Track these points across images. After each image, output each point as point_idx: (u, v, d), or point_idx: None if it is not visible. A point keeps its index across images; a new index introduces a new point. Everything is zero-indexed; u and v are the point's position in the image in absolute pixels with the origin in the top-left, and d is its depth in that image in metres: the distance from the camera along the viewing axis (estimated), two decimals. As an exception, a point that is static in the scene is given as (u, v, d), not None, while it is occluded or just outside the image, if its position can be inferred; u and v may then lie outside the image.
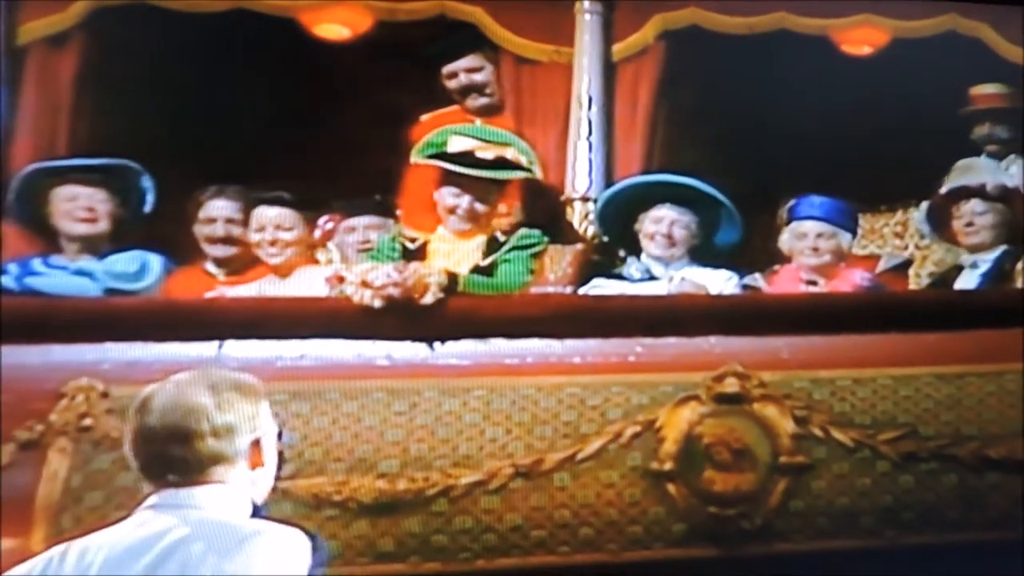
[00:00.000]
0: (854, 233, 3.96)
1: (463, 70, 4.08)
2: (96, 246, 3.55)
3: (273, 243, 3.64)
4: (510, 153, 3.72)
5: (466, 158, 3.64)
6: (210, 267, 3.71)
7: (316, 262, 3.72)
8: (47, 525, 2.97)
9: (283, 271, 3.64)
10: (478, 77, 4.08)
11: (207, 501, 1.91)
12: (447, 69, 4.09)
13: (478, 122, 4.02)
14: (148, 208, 3.64)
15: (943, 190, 4.08)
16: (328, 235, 3.77)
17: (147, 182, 3.62)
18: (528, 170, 3.74)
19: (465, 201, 3.62)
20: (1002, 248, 3.89)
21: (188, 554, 1.82)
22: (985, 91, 4.38)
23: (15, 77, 3.63)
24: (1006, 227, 3.91)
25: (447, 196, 3.64)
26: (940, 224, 4.09)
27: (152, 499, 1.93)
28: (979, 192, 3.93)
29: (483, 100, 4.09)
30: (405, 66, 4.10)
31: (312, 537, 1.95)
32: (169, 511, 1.89)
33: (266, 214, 3.65)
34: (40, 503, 2.98)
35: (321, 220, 3.77)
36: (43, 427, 3.03)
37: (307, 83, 4.22)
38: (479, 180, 3.62)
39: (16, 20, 3.63)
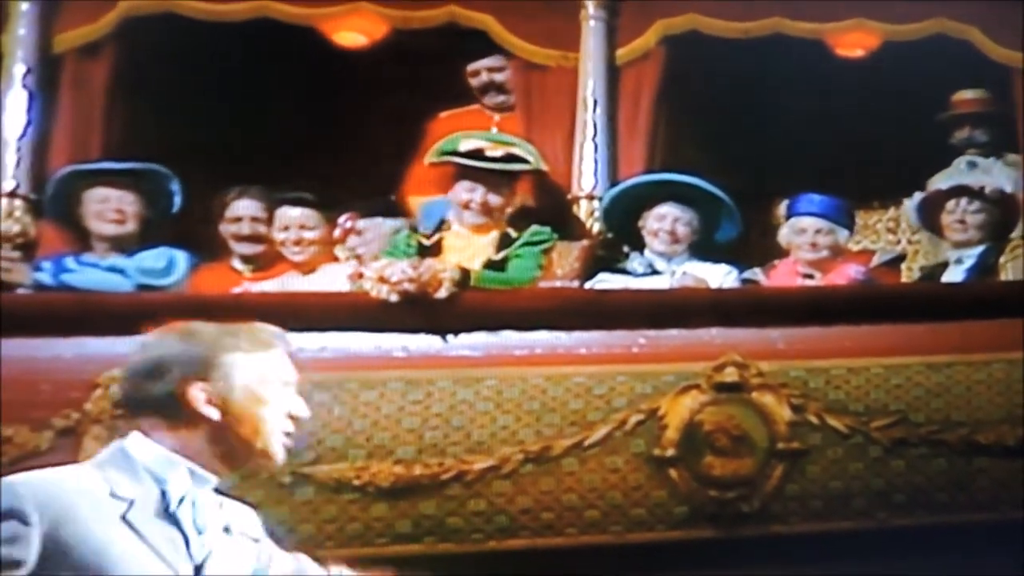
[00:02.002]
0: (850, 229, 3.98)
1: (485, 69, 4.10)
2: (124, 245, 3.58)
3: (297, 242, 3.67)
4: (518, 150, 3.75)
5: (477, 155, 3.67)
6: (237, 264, 3.75)
7: (336, 259, 3.75)
8: (83, 508, 3.00)
9: (305, 268, 3.67)
10: (499, 76, 4.10)
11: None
12: (471, 67, 4.12)
13: (494, 129, 4.04)
14: (175, 211, 3.67)
15: (944, 186, 4.06)
16: (347, 233, 3.80)
17: (176, 186, 3.64)
18: (536, 165, 3.77)
19: (479, 194, 3.63)
20: (985, 245, 3.89)
21: None
22: (966, 96, 4.39)
23: (51, 85, 3.66)
24: (992, 227, 3.91)
25: (461, 192, 3.66)
26: (929, 216, 4.08)
27: None
28: (977, 193, 3.93)
29: (501, 98, 4.11)
30: (419, 70, 4.12)
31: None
32: None
33: (289, 214, 3.68)
34: (77, 488, 3.01)
35: (341, 219, 3.79)
36: (79, 415, 3.05)
37: (326, 88, 4.25)
38: (491, 173, 3.64)
39: (52, 31, 3.65)
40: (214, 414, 1.79)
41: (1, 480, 1.64)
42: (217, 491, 1.83)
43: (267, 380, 1.85)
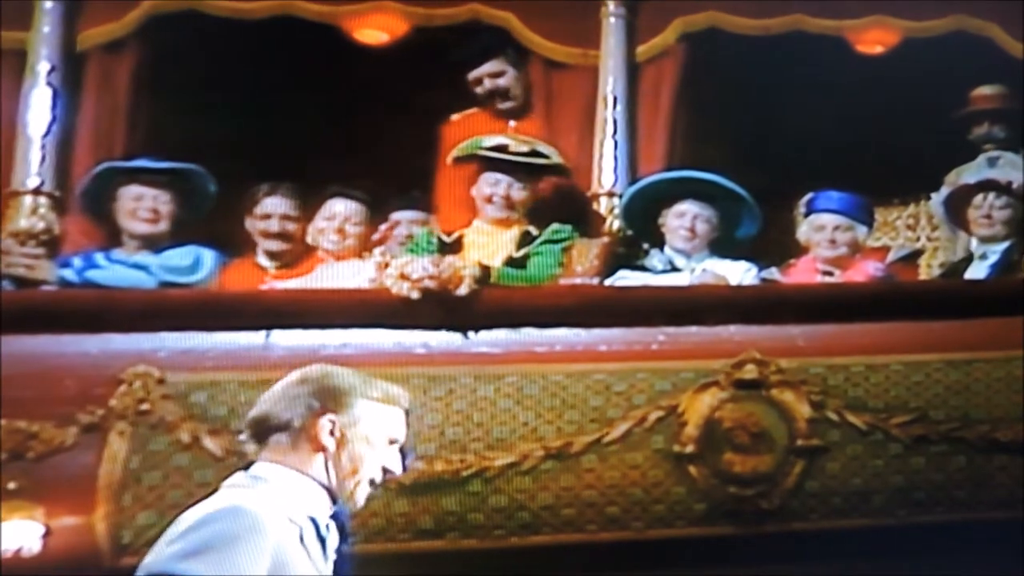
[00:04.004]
0: (870, 226, 3.94)
1: (486, 75, 4.05)
2: (155, 244, 3.57)
3: (339, 231, 3.69)
4: (541, 148, 3.74)
5: (502, 150, 3.68)
6: (262, 260, 3.74)
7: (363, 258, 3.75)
8: (108, 503, 3.02)
9: (338, 257, 3.68)
10: (501, 82, 4.05)
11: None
12: (472, 75, 4.07)
13: (512, 123, 4.02)
14: (207, 211, 3.67)
15: (969, 180, 4.03)
16: (384, 239, 3.79)
17: (212, 186, 3.65)
18: (559, 162, 3.76)
19: (502, 188, 3.64)
20: (1010, 241, 3.85)
21: None
22: (984, 92, 4.34)
23: (75, 82, 3.65)
24: (1018, 222, 3.87)
25: (485, 185, 3.67)
26: (955, 211, 4.05)
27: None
28: (1005, 188, 3.90)
29: (508, 104, 4.07)
30: (441, 68, 4.09)
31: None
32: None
33: (337, 207, 3.71)
34: (102, 482, 3.02)
35: (383, 226, 3.80)
36: (104, 411, 3.06)
37: (348, 85, 4.22)
38: (516, 167, 3.66)
39: (76, 28, 3.64)
40: (331, 444, 1.91)
41: (236, 504, 1.79)
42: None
43: (381, 431, 1.97)
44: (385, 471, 1.97)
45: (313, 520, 1.85)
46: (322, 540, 1.86)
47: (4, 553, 2.91)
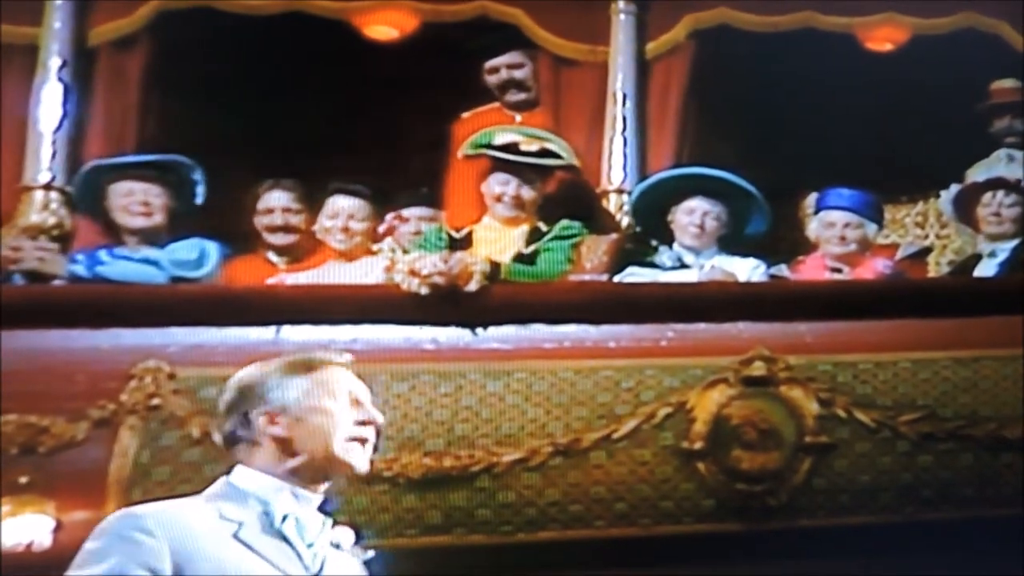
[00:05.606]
0: (879, 224, 3.92)
1: (505, 66, 4.05)
2: (154, 238, 3.54)
3: (344, 230, 3.65)
4: (552, 145, 3.73)
5: (512, 148, 3.66)
6: (272, 256, 3.73)
7: (372, 252, 3.73)
8: (118, 498, 3.00)
9: (348, 256, 3.65)
10: (518, 74, 4.05)
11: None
12: (489, 64, 4.07)
13: (518, 117, 4.01)
14: (200, 200, 3.63)
15: (979, 178, 4.02)
16: (390, 230, 3.78)
17: (198, 175, 3.61)
18: (569, 161, 3.75)
19: (512, 188, 3.63)
20: (1019, 239, 3.83)
21: None
22: (1004, 86, 4.31)
23: (86, 78, 3.65)
24: (1028, 220, 3.87)
25: (494, 184, 3.65)
26: (964, 209, 4.04)
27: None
28: (1013, 186, 3.88)
29: (521, 95, 4.06)
30: (451, 65, 4.08)
31: None
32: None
33: (341, 203, 3.67)
34: (112, 477, 3.02)
35: (389, 216, 3.78)
36: (115, 406, 3.06)
37: (357, 81, 4.22)
38: (525, 166, 3.64)
39: (87, 24, 3.64)
40: (278, 431, 1.86)
41: (127, 510, 1.76)
42: (324, 512, 1.88)
43: (325, 393, 1.90)
44: (362, 424, 1.90)
45: (268, 515, 1.79)
46: (279, 532, 1.79)
47: (15, 547, 2.92)
